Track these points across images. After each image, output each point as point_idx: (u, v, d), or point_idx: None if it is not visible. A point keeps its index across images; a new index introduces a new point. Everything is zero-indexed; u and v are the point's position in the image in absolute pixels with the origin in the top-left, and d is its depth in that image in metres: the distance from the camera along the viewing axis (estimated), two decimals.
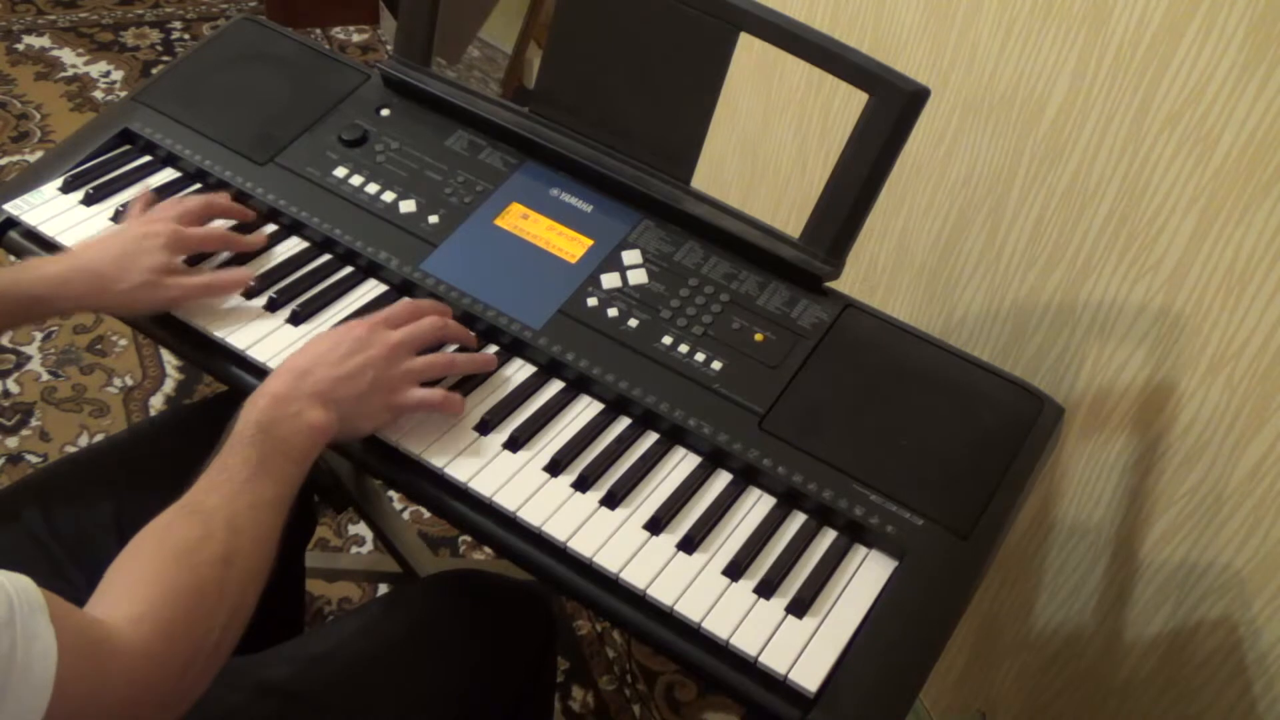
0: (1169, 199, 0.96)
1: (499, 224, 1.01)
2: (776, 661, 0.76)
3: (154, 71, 2.55)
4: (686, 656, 0.78)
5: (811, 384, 0.91)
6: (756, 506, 0.86)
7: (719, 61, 0.94)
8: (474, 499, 0.84)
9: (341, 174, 1.04)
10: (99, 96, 2.48)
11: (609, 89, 1.00)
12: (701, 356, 0.92)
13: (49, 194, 1.03)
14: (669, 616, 0.79)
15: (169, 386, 1.89)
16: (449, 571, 1.06)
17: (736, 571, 0.80)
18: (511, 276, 0.97)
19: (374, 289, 0.98)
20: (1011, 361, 1.18)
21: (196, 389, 1.89)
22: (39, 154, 2.27)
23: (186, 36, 2.72)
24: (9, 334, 1.93)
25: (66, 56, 2.60)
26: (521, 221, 1.01)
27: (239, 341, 0.92)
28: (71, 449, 1.75)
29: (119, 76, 2.55)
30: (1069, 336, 1.10)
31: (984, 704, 1.33)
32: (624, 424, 0.90)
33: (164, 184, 1.06)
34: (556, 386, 0.92)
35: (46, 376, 1.88)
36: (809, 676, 0.75)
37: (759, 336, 0.93)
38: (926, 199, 1.27)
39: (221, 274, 0.95)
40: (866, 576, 0.82)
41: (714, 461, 0.88)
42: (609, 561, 0.80)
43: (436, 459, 0.85)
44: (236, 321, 0.93)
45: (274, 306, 0.95)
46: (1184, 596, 1.02)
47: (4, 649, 0.56)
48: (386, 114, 1.09)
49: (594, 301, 0.95)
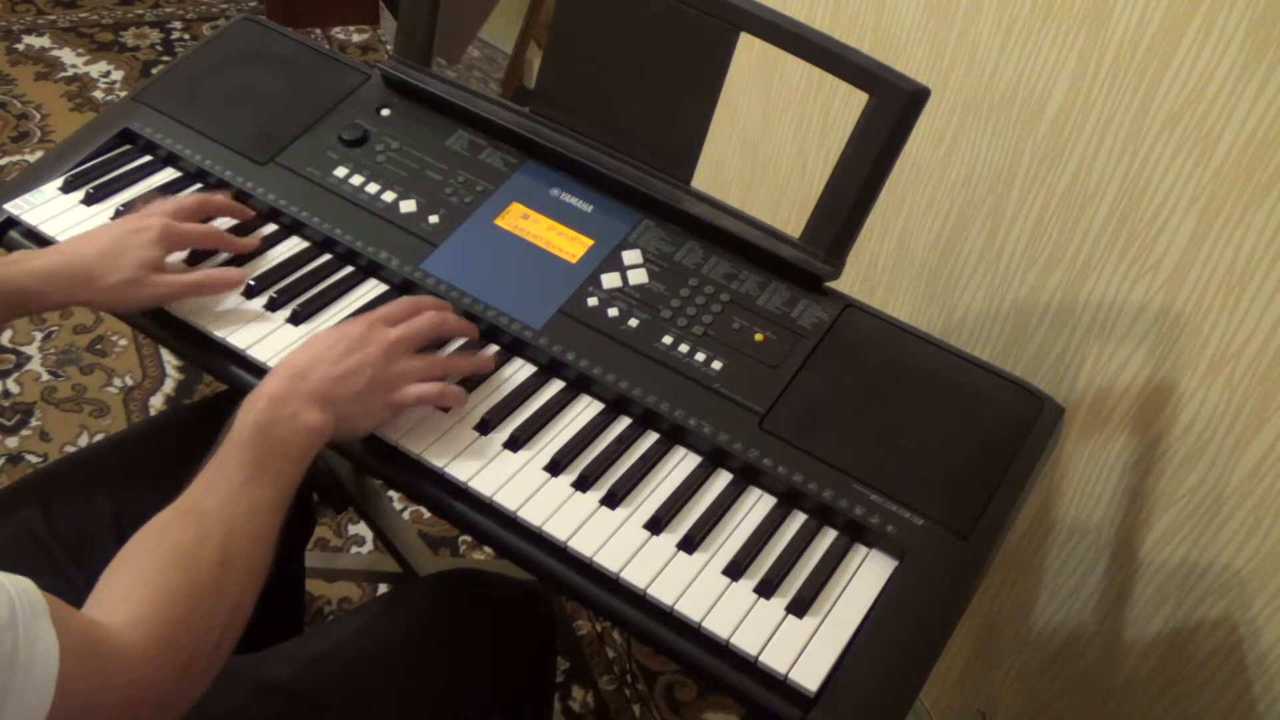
0: (1169, 199, 0.96)
1: (499, 224, 1.01)
2: (777, 661, 0.76)
3: (154, 71, 2.55)
4: (687, 656, 0.78)
5: (812, 384, 0.91)
6: (757, 506, 0.86)
7: (719, 61, 0.94)
8: (474, 499, 0.84)
9: (342, 174, 1.04)
10: (99, 96, 2.48)
11: (609, 89, 1.00)
12: (702, 356, 0.92)
13: (49, 194, 1.03)
14: (669, 616, 0.79)
15: (169, 386, 1.89)
16: (449, 571, 1.06)
17: (737, 571, 0.81)
18: (512, 276, 0.97)
19: (374, 289, 0.98)
20: (1011, 361, 1.18)
21: (196, 389, 1.89)
22: (39, 154, 2.28)
23: (186, 36, 2.72)
24: (9, 334, 1.93)
25: (66, 56, 2.60)
26: (522, 221, 1.01)
27: (239, 341, 0.92)
28: (71, 449, 1.75)
29: (119, 76, 2.55)
30: (1069, 336, 1.10)
31: (984, 704, 1.33)
32: (624, 424, 0.90)
33: (164, 184, 1.06)
34: (557, 386, 0.92)
35: (46, 376, 1.88)
36: (809, 676, 0.75)
37: (759, 336, 0.93)
38: (926, 199, 1.27)
39: (213, 273, 0.94)
40: (866, 576, 0.82)
41: (714, 461, 0.88)
42: (609, 561, 0.80)
43: (437, 459, 0.85)
44: (236, 321, 0.93)
45: (274, 306, 0.95)
46: (1184, 596, 1.02)
47: (6, 650, 0.56)
48: (387, 114, 1.09)
49: (594, 301, 0.95)
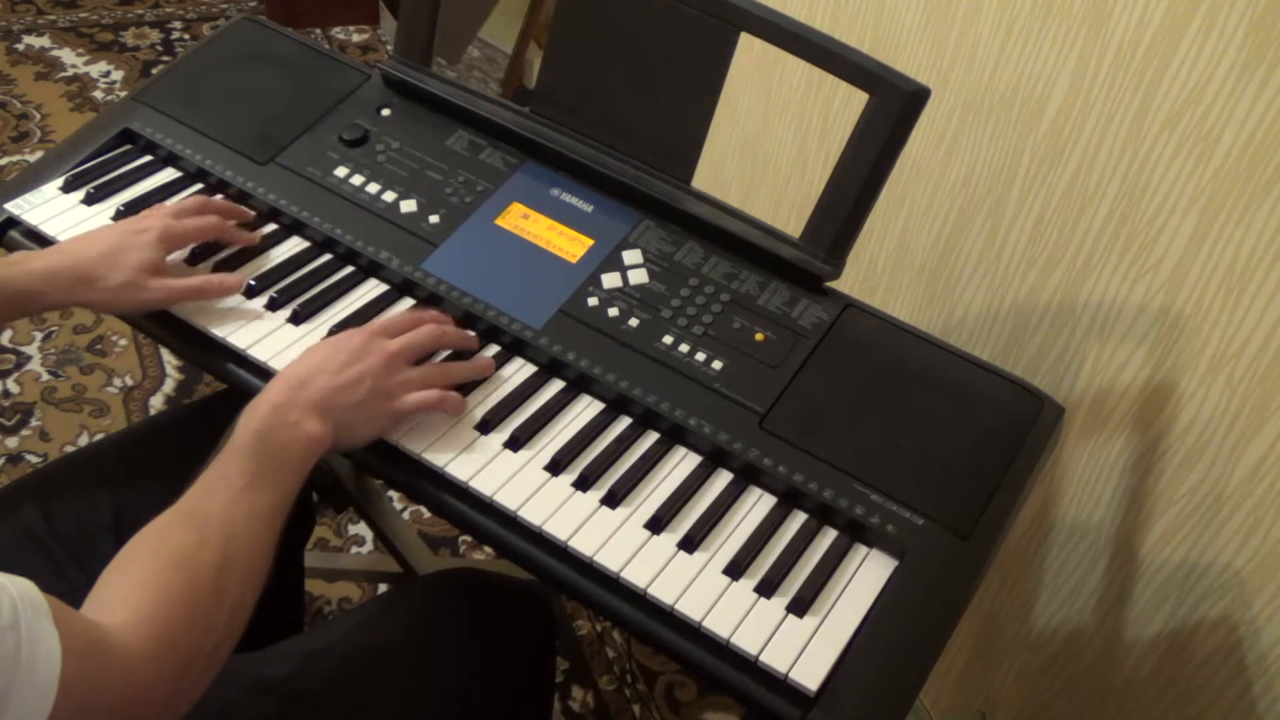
0: (1169, 199, 0.96)
1: (500, 224, 1.01)
2: (777, 661, 0.76)
3: (154, 71, 2.55)
4: (687, 656, 0.78)
5: (812, 384, 0.91)
6: (757, 506, 0.86)
7: (719, 61, 0.94)
8: (474, 498, 0.84)
9: (342, 174, 1.04)
10: (99, 96, 2.48)
11: (609, 89, 1.00)
12: (702, 356, 0.92)
13: (50, 193, 1.03)
14: (669, 616, 0.79)
15: (169, 386, 1.89)
16: (449, 570, 1.06)
17: (737, 571, 0.81)
18: (512, 276, 0.97)
19: (374, 289, 0.98)
20: (1011, 361, 1.18)
21: (196, 389, 1.89)
22: (39, 154, 2.28)
23: (186, 36, 2.72)
24: (9, 334, 1.93)
25: (66, 56, 2.60)
26: (522, 221, 1.01)
27: (239, 341, 0.92)
28: (71, 449, 1.75)
29: (119, 76, 2.55)
30: (1069, 336, 1.10)
31: (984, 704, 1.33)
32: (624, 423, 0.90)
33: (164, 184, 1.06)
34: (557, 386, 0.92)
35: (46, 376, 1.88)
36: (809, 676, 0.75)
37: (759, 336, 0.93)
38: (926, 199, 1.27)
39: (212, 278, 0.94)
40: (867, 576, 0.82)
41: (714, 461, 0.88)
42: (609, 561, 0.80)
43: (437, 458, 0.85)
44: (237, 321, 0.94)
45: (274, 306, 0.95)
46: (1184, 596, 1.02)
47: (9, 651, 0.56)
48: (387, 114, 1.09)
49: (594, 301, 0.95)
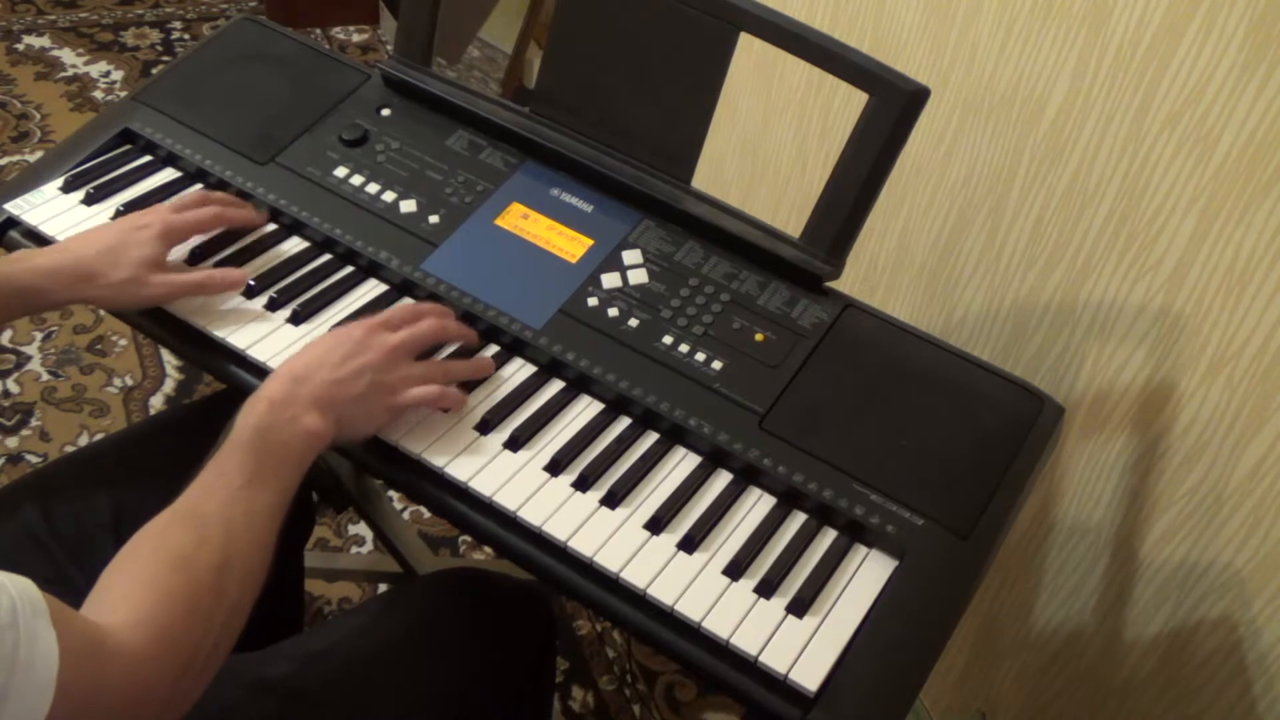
0: (1169, 199, 0.96)
1: (499, 224, 1.01)
2: (777, 661, 0.76)
3: (154, 71, 2.55)
4: (687, 656, 0.78)
5: (812, 384, 0.91)
6: (757, 506, 0.86)
7: (719, 61, 0.94)
8: (474, 498, 0.84)
9: (342, 174, 1.04)
10: (99, 96, 2.48)
11: (609, 89, 1.00)
12: (702, 356, 0.92)
13: (50, 193, 1.03)
14: (669, 616, 0.79)
15: (169, 386, 1.89)
16: (449, 570, 1.06)
17: (737, 571, 0.81)
18: (512, 276, 0.97)
19: (374, 289, 0.98)
20: (1011, 361, 1.18)
21: (196, 389, 1.89)
22: (39, 154, 2.28)
23: (186, 36, 2.72)
24: (9, 334, 1.93)
25: (66, 56, 2.60)
26: (522, 221, 1.01)
27: (239, 341, 0.92)
28: (71, 449, 1.75)
29: (119, 76, 2.55)
30: (1069, 336, 1.10)
31: (984, 704, 1.33)
32: (624, 424, 0.90)
33: (164, 184, 1.06)
34: (557, 386, 0.92)
35: (46, 376, 1.88)
36: (809, 676, 0.75)
37: (759, 336, 0.93)
38: (926, 199, 1.27)
39: (214, 273, 0.94)
40: (866, 576, 0.82)
41: (714, 461, 0.88)
42: (609, 561, 0.80)
43: (437, 458, 0.85)
44: (236, 321, 0.93)
45: (274, 306, 0.95)
46: (1184, 596, 1.02)
47: (7, 650, 0.56)
48: (387, 114, 1.09)
49: (594, 301, 0.95)
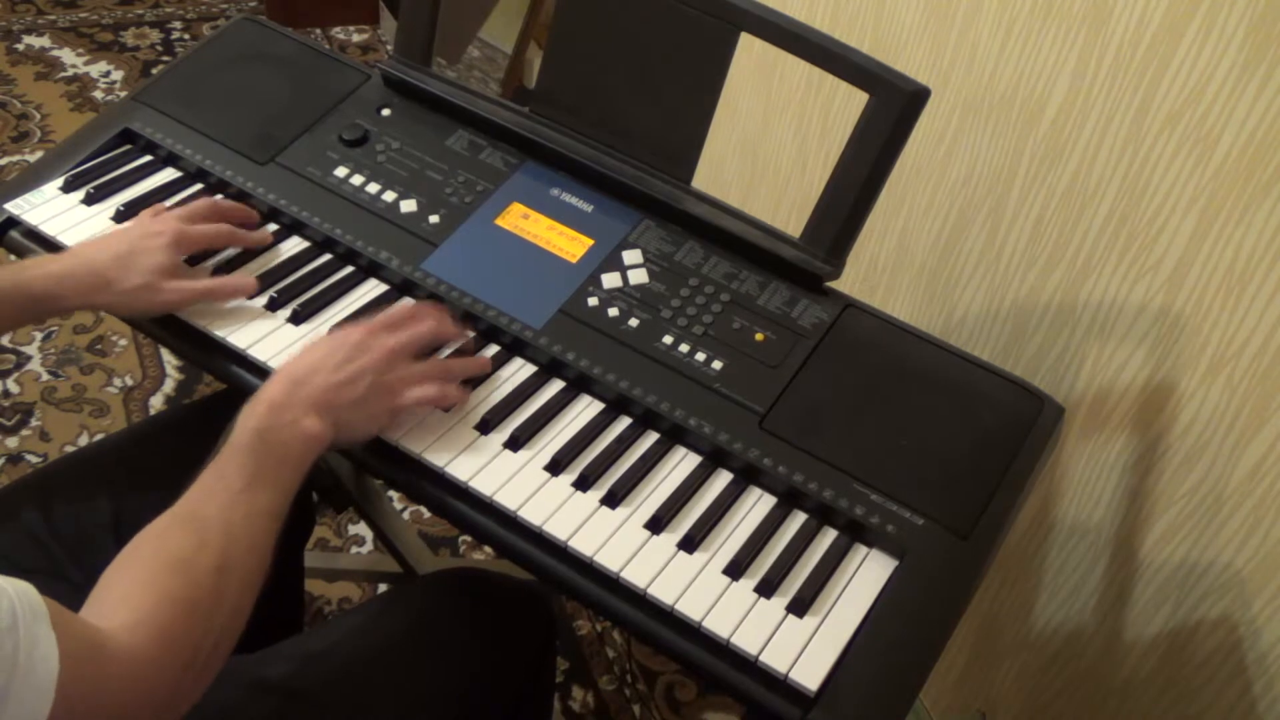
0: (1169, 199, 0.96)
1: (499, 224, 1.01)
2: (777, 661, 0.76)
3: (154, 71, 2.55)
4: (687, 656, 0.78)
5: (812, 384, 0.91)
6: (757, 506, 0.86)
7: (719, 61, 0.94)
8: (474, 498, 0.84)
9: (342, 174, 1.04)
10: (99, 96, 2.48)
11: (609, 89, 1.00)
12: (702, 356, 0.92)
13: (50, 193, 1.03)
14: (669, 616, 0.79)
15: (169, 386, 1.89)
16: (449, 570, 1.06)
17: (737, 571, 0.81)
18: (512, 276, 0.97)
19: (374, 289, 0.98)
20: (1011, 361, 1.18)
21: (196, 389, 1.89)
22: (39, 154, 2.28)
23: (186, 36, 2.72)
24: (9, 334, 1.93)
25: (66, 56, 2.60)
26: (522, 221, 1.01)
27: (239, 341, 0.92)
28: (71, 449, 1.75)
29: (119, 76, 2.55)
30: (1069, 336, 1.10)
31: (984, 704, 1.33)
32: (624, 423, 0.90)
33: (164, 184, 1.06)
34: (557, 386, 0.92)
35: (46, 376, 1.88)
36: (809, 676, 0.75)
37: (759, 336, 0.93)
38: (926, 199, 1.27)
39: (224, 280, 0.95)
40: (867, 576, 0.82)
41: (714, 461, 0.88)
42: (609, 561, 0.80)
43: (437, 458, 0.85)
44: (237, 321, 0.93)
45: (274, 306, 0.95)
46: (1184, 596, 1.02)
47: (7, 653, 0.56)
48: (387, 114, 1.09)
49: (594, 301, 0.95)
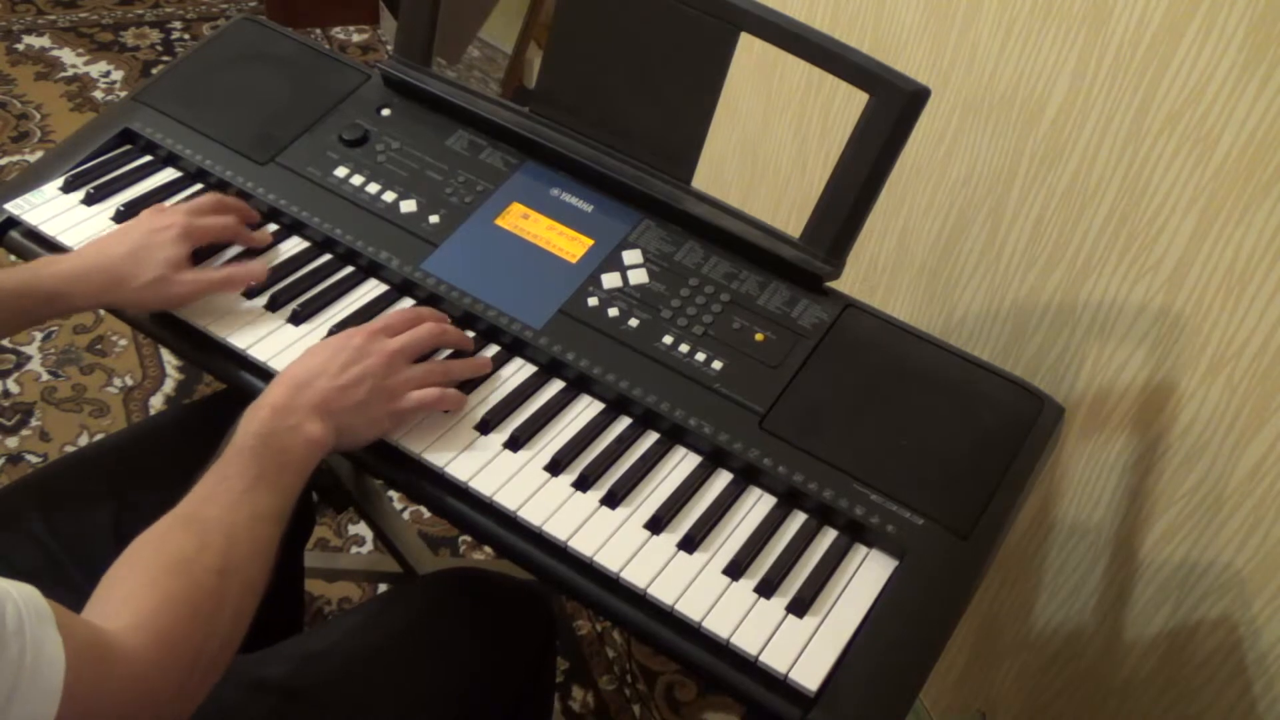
0: (1169, 199, 0.96)
1: (499, 224, 1.01)
2: (777, 661, 0.76)
3: (154, 71, 2.55)
4: (687, 656, 0.78)
5: (812, 384, 0.91)
6: (757, 506, 0.86)
7: (719, 61, 0.94)
8: (474, 498, 0.84)
9: (342, 174, 1.04)
10: (99, 96, 2.48)
11: (609, 89, 1.00)
12: (702, 356, 0.92)
13: (50, 194, 1.03)
14: (669, 616, 0.79)
15: (169, 386, 1.89)
16: (449, 570, 1.06)
17: (737, 571, 0.81)
18: (512, 276, 0.97)
19: (374, 289, 0.98)
20: (1011, 361, 1.18)
21: (196, 389, 1.89)
22: (39, 154, 2.28)
23: (186, 36, 2.72)
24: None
25: (66, 56, 2.60)
26: (522, 221, 1.01)
27: (240, 341, 0.92)
28: (71, 449, 1.75)
29: (119, 76, 2.55)
30: (1069, 336, 1.10)
31: (984, 704, 1.33)
32: (624, 424, 0.90)
33: (164, 184, 1.06)
34: (557, 386, 0.92)
35: (46, 376, 1.88)
36: (809, 676, 0.75)
37: (759, 336, 0.93)
38: (926, 199, 1.27)
39: (237, 268, 0.95)
40: (867, 576, 0.82)
41: (714, 461, 0.88)
42: (609, 561, 0.80)
43: (437, 458, 0.85)
44: (237, 321, 0.94)
45: (274, 306, 0.95)
46: (1184, 596, 1.02)
47: (13, 656, 0.56)
48: (387, 114, 1.09)
49: (594, 301, 0.95)
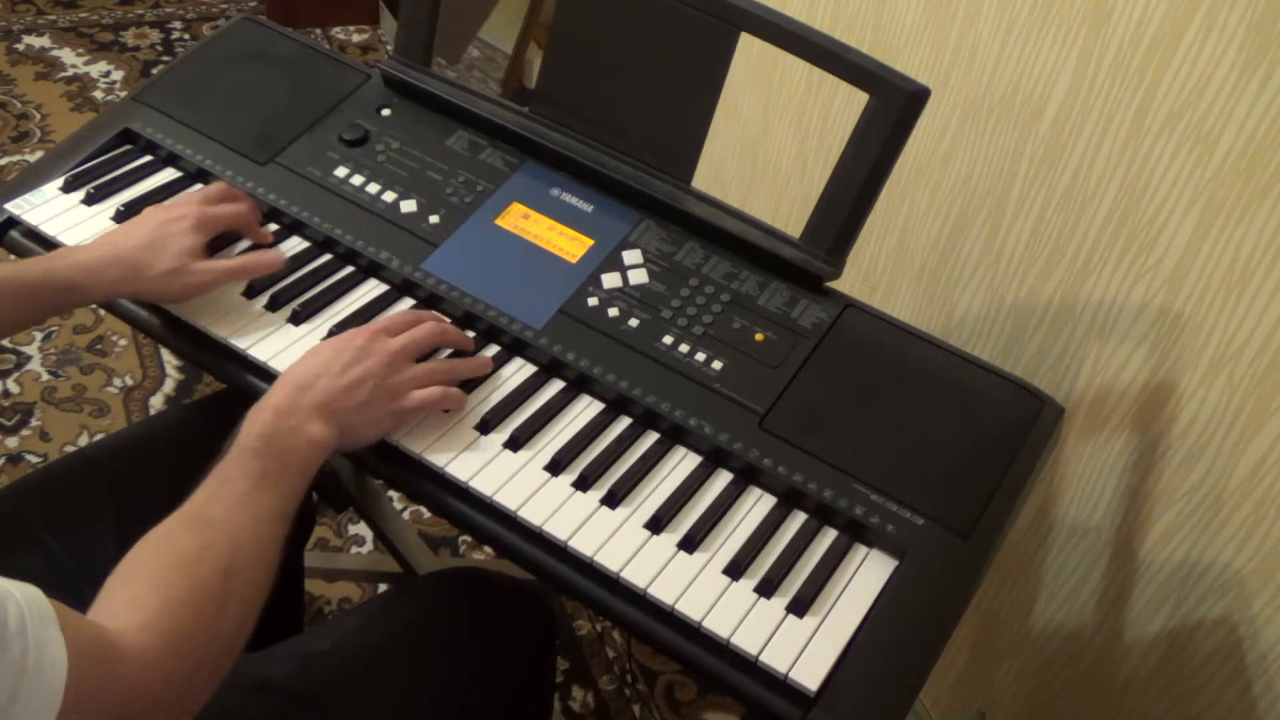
0: (1169, 199, 0.96)
1: (500, 224, 1.01)
2: (777, 660, 0.76)
3: (154, 71, 2.55)
4: (687, 656, 0.78)
5: (812, 384, 0.91)
6: (757, 506, 0.86)
7: (719, 61, 0.94)
8: (474, 498, 0.84)
9: (342, 174, 1.04)
10: (99, 96, 2.48)
11: (609, 89, 1.00)
12: (702, 356, 0.92)
13: (50, 193, 1.03)
14: (669, 615, 0.79)
15: (169, 386, 1.89)
16: (449, 570, 1.06)
17: (737, 571, 0.81)
18: (512, 276, 0.97)
19: (375, 289, 0.98)
20: (1011, 361, 1.18)
21: (196, 389, 1.89)
22: (39, 154, 2.28)
23: (186, 36, 2.72)
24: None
25: (66, 56, 2.60)
26: (522, 221, 1.01)
27: (240, 341, 0.92)
28: (71, 449, 1.75)
29: (119, 76, 2.55)
30: (1069, 336, 1.10)
31: (984, 704, 1.33)
32: (624, 423, 0.90)
33: (165, 184, 1.06)
34: (557, 386, 0.92)
35: (46, 376, 1.88)
36: (809, 676, 0.75)
37: (759, 336, 0.93)
38: (926, 199, 1.27)
39: (252, 256, 0.95)
40: (867, 576, 0.82)
41: (714, 461, 0.88)
42: (609, 560, 0.80)
43: (437, 458, 0.85)
44: (237, 321, 0.93)
45: (275, 306, 0.95)
46: (1184, 596, 1.02)
47: (16, 656, 0.56)
48: (387, 114, 1.09)
49: (595, 301, 0.95)
